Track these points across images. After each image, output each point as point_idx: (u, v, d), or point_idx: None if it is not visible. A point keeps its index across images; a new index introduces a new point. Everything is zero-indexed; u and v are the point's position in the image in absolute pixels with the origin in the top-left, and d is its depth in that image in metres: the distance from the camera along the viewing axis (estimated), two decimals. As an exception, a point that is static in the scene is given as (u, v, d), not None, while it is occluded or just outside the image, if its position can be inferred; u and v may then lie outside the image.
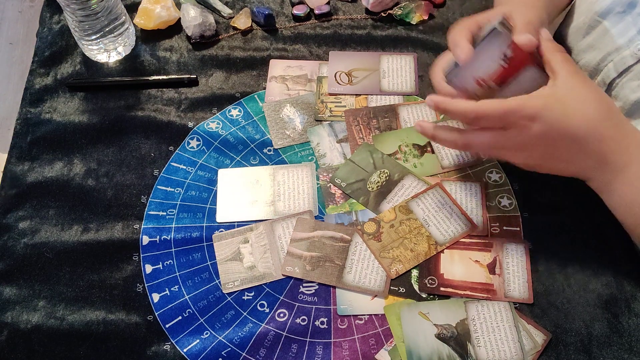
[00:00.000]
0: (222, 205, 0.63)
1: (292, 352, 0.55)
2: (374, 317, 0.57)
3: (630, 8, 0.59)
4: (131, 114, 0.69)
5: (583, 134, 0.50)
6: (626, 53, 0.60)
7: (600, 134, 0.50)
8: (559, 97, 0.49)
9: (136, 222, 0.62)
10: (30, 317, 0.57)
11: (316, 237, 0.60)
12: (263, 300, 0.58)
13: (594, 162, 0.52)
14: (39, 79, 0.72)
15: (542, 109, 0.49)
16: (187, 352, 0.55)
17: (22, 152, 0.66)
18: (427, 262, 0.59)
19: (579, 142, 0.50)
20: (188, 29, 0.74)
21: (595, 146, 0.50)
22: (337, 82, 0.72)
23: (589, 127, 0.49)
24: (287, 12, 0.78)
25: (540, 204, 0.62)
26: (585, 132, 0.50)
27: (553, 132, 0.50)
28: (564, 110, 0.49)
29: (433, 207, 0.62)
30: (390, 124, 0.68)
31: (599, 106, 0.50)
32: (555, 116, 0.49)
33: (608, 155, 0.51)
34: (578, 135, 0.50)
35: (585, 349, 0.54)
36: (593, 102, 0.50)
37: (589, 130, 0.49)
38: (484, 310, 0.56)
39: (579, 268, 0.59)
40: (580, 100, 0.49)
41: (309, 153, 0.67)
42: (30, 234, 0.61)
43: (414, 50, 0.75)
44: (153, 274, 0.59)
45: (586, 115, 0.49)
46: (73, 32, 0.70)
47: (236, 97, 0.71)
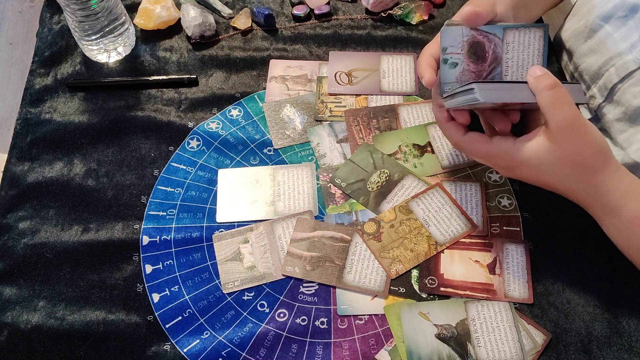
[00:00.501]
0: (222, 205, 0.63)
1: (292, 352, 0.55)
2: (374, 317, 0.57)
3: (633, 13, 0.59)
4: (131, 114, 0.69)
5: (559, 189, 0.52)
6: (628, 58, 0.59)
7: (576, 192, 0.52)
8: (538, 155, 0.50)
9: (136, 222, 0.62)
10: (30, 317, 0.57)
11: (316, 237, 0.60)
12: (263, 300, 0.58)
13: (578, 204, 0.54)
14: (39, 79, 0.72)
15: (520, 162, 0.51)
16: (187, 352, 0.55)
17: (22, 152, 0.67)
18: (427, 262, 0.59)
19: (557, 191, 0.53)
20: (188, 29, 0.74)
21: (573, 198, 0.53)
22: (337, 82, 0.72)
23: (564, 187, 0.52)
24: (287, 12, 0.78)
25: (540, 204, 0.62)
26: (561, 189, 0.52)
27: (530, 179, 0.53)
28: (540, 167, 0.50)
29: (433, 207, 0.62)
30: (390, 124, 0.68)
31: (576, 168, 0.50)
32: (532, 171, 0.51)
33: (587, 207, 0.54)
34: (554, 188, 0.53)
35: (585, 349, 0.54)
36: (571, 165, 0.49)
37: (564, 188, 0.52)
38: (484, 310, 0.56)
39: (579, 268, 0.59)
40: (559, 161, 0.49)
41: (309, 153, 0.67)
42: (30, 234, 0.61)
43: (414, 50, 0.75)
44: (153, 274, 0.59)
45: (561, 176, 0.51)
46: (73, 32, 0.70)
47: (236, 97, 0.71)
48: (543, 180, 0.52)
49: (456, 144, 0.55)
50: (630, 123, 0.61)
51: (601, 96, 0.64)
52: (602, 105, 0.64)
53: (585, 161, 0.50)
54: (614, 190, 0.50)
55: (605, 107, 0.64)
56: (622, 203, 0.50)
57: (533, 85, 0.49)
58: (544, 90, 0.48)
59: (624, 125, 0.61)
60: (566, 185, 0.51)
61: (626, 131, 0.61)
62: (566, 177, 0.50)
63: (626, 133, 0.61)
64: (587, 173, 0.50)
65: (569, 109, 0.48)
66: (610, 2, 0.61)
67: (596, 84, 0.64)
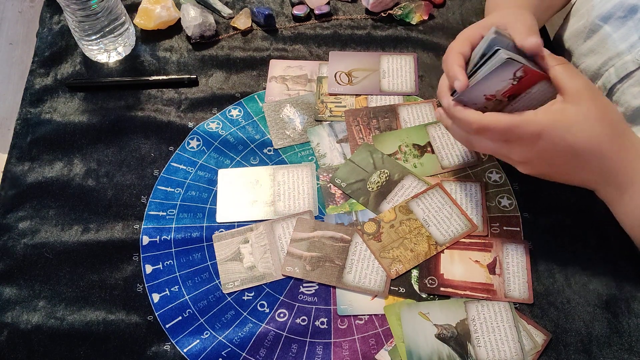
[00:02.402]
0: (222, 205, 0.63)
1: (292, 352, 0.55)
2: (374, 317, 0.57)
3: (632, 13, 0.59)
4: (131, 114, 0.69)
5: (586, 152, 0.49)
6: (627, 58, 0.59)
7: (603, 153, 0.50)
8: (564, 115, 0.49)
9: (136, 222, 0.62)
10: (30, 317, 0.57)
11: (316, 237, 0.60)
12: (263, 300, 0.58)
13: (598, 178, 0.52)
14: (39, 79, 0.72)
15: (546, 127, 0.49)
16: (187, 352, 0.55)
17: (22, 152, 0.66)
18: (427, 262, 0.59)
19: (582, 159, 0.50)
20: (188, 29, 0.74)
21: (598, 164, 0.50)
22: (337, 82, 0.72)
23: (592, 146, 0.49)
24: (287, 12, 0.78)
25: (540, 204, 0.62)
26: (588, 151, 0.49)
27: (556, 149, 0.50)
28: (567, 128, 0.49)
29: (433, 207, 0.62)
30: (390, 124, 0.68)
31: (603, 124, 0.49)
32: (558, 134, 0.49)
33: (612, 174, 0.51)
34: (581, 153, 0.50)
35: (585, 349, 0.54)
36: (597, 121, 0.49)
37: (592, 149, 0.49)
38: (484, 310, 0.56)
39: (579, 268, 0.59)
40: (584, 118, 0.49)
41: (309, 153, 0.67)
42: (30, 234, 0.61)
43: (414, 50, 0.75)
44: (153, 274, 0.59)
45: (590, 134, 0.49)
46: (73, 32, 0.70)
47: (236, 97, 0.71)
48: (569, 147, 0.49)
49: (477, 122, 0.51)
50: (629, 123, 0.61)
51: None
52: None
53: (611, 119, 0.49)
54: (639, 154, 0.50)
55: None
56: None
57: (545, 60, 0.50)
58: (557, 64, 0.49)
59: None
60: (594, 145, 0.49)
61: None
62: (595, 135, 0.49)
63: None
64: (614, 131, 0.49)
65: (584, 77, 0.49)
66: (610, 3, 0.61)
67: (595, 84, 0.64)
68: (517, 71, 0.49)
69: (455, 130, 0.55)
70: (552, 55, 0.50)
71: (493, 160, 0.65)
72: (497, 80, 0.50)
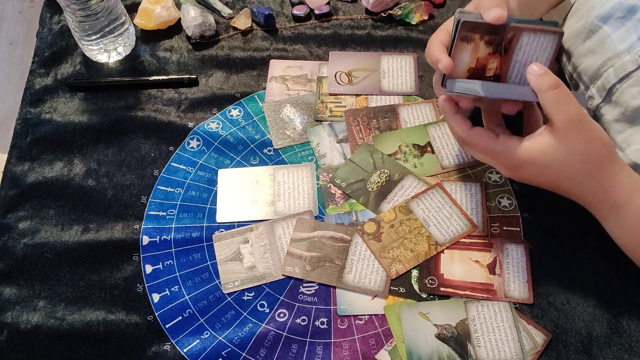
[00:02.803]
0: (222, 205, 0.63)
1: (292, 352, 0.55)
2: (374, 317, 0.57)
3: (631, 14, 0.59)
4: (131, 114, 0.69)
5: (565, 187, 0.52)
6: (627, 59, 0.59)
7: (582, 189, 0.51)
8: (545, 151, 0.49)
9: (136, 222, 0.62)
10: (30, 317, 0.57)
11: (316, 237, 0.60)
12: (263, 300, 0.58)
13: (583, 203, 0.54)
14: (39, 79, 0.72)
15: (526, 161, 0.50)
16: (187, 352, 0.55)
17: (22, 152, 0.66)
18: (427, 262, 0.59)
19: (562, 191, 0.52)
20: (188, 29, 0.74)
21: (579, 196, 0.52)
22: (337, 82, 0.72)
23: (572, 183, 0.51)
24: (287, 12, 0.78)
25: (540, 204, 0.62)
26: (567, 185, 0.51)
27: (536, 179, 0.52)
28: (547, 164, 0.49)
29: (433, 207, 0.62)
30: (390, 124, 0.68)
31: (584, 164, 0.49)
32: (538, 169, 0.50)
33: (593, 205, 0.53)
34: (561, 186, 0.52)
35: (585, 349, 0.54)
36: (579, 160, 0.49)
37: (572, 185, 0.51)
38: (484, 310, 0.56)
39: (579, 268, 0.59)
40: (566, 155, 0.49)
41: (309, 153, 0.67)
42: (30, 234, 0.61)
43: (414, 50, 0.75)
44: (153, 274, 0.59)
45: (570, 172, 0.50)
46: (73, 32, 0.70)
47: (236, 97, 0.71)
48: (549, 180, 0.51)
49: (461, 138, 0.54)
50: (628, 124, 0.61)
51: (599, 97, 0.64)
52: (600, 106, 0.64)
53: (594, 157, 0.49)
54: (622, 187, 0.50)
55: (603, 108, 0.64)
56: (630, 199, 0.50)
57: (535, 84, 0.49)
58: (548, 90, 0.48)
59: (623, 126, 0.61)
60: (573, 183, 0.51)
61: (624, 132, 0.61)
62: (574, 175, 0.50)
63: (624, 134, 0.61)
64: (595, 169, 0.50)
65: (573, 106, 0.48)
66: (609, 3, 0.61)
67: (595, 85, 0.64)
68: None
69: (451, 127, 0.57)
70: (546, 76, 0.49)
71: (493, 160, 0.65)
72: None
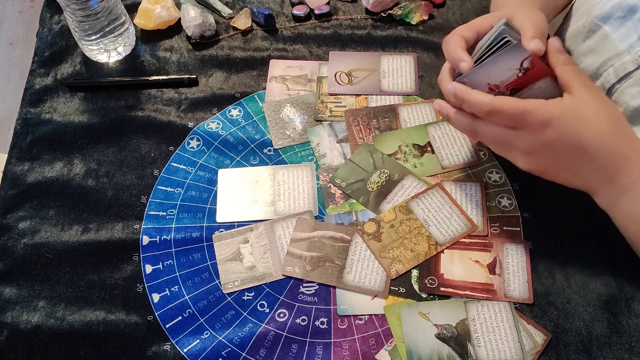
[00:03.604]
0: (222, 205, 0.63)
1: (292, 352, 0.55)
2: (374, 317, 0.57)
3: (631, 13, 0.59)
4: (131, 114, 0.69)
5: (594, 146, 0.49)
6: (627, 59, 0.59)
7: (610, 149, 0.50)
8: (574, 108, 0.49)
9: (136, 222, 0.62)
10: (30, 317, 0.57)
11: (316, 237, 0.60)
12: (263, 300, 0.58)
13: (601, 177, 0.51)
14: (39, 79, 0.72)
15: (557, 116, 0.49)
16: (187, 352, 0.55)
17: (22, 152, 0.67)
18: (427, 262, 0.59)
19: (589, 154, 0.50)
20: (188, 29, 0.74)
21: (604, 161, 0.50)
22: (337, 82, 0.72)
23: (600, 141, 0.49)
24: (287, 12, 0.78)
25: (540, 204, 0.62)
26: (596, 145, 0.49)
27: (564, 140, 0.49)
28: (577, 120, 0.49)
29: (433, 207, 0.62)
30: (390, 124, 0.68)
31: (611, 121, 0.50)
32: (568, 125, 0.49)
33: (616, 172, 0.50)
34: (589, 147, 0.49)
35: (585, 349, 0.54)
36: (606, 117, 0.50)
37: (600, 143, 0.49)
38: (484, 310, 0.56)
39: (579, 268, 0.59)
40: (594, 113, 0.49)
41: (309, 153, 0.67)
42: (30, 234, 0.61)
43: (414, 50, 0.75)
44: (153, 274, 0.59)
45: (599, 128, 0.49)
46: (73, 32, 0.70)
47: (236, 97, 0.71)
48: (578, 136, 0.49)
49: (488, 104, 0.50)
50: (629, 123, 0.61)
51: None
52: None
53: (618, 116, 0.50)
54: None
55: None
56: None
57: (554, 57, 0.51)
58: (566, 64, 0.51)
59: None
60: (602, 140, 0.49)
61: None
62: (604, 129, 0.49)
63: None
64: (622, 128, 0.50)
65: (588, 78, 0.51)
66: (609, 3, 0.61)
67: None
68: (525, 60, 0.49)
69: (459, 119, 0.54)
70: (561, 52, 0.51)
71: (493, 160, 0.65)
72: (503, 67, 0.50)
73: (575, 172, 0.52)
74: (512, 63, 0.50)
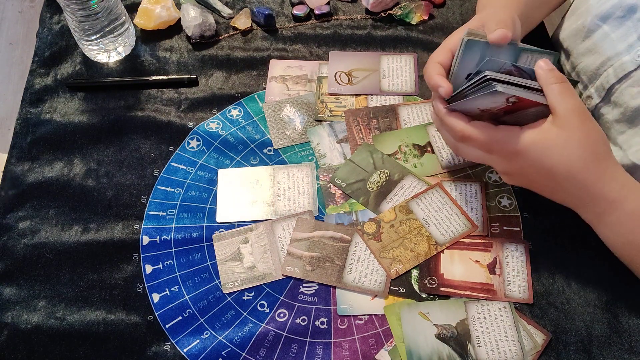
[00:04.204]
0: (222, 205, 0.63)
1: (292, 352, 0.55)
2: (374, 317, 0.57)
3: (631, 13, 0.59)
4: (131, 114, 0.69)
5: (563, 176, 0.50)
6: (626, 59, 0.59)
7: (578, 181, 0.50)
8: (546, 136, 0.49)
9: (136, 222, 0.62)
10: (30, 317, 0.57)
11: (316, 237, 0.60)
12: (263, 300, 0.58)
13: (576, 202, 0.53)
14: (39, 79, 0.72)
15: (526, 147, 0.50)
16: (187, 352, 0.55)
17: (22, 152, 0.67)
18: (427, 262, 0.59)
19: (559, 183, 0.51)
20: (188, 29, 0.74)
21: (574, 189, 0.51)
22: (337, 82, 0.72)
23: (568, 173, 0.50)
24: (287, 12, 0.78)
25: (540, 204, 0.62)
26: (564, 175, 0.50)
27: (533, 168, 0.51)
28: (546, 150, 0.49)
29: (433, 207, 0.62)
30: (390, 124, 0.68)
31: (583, 152, 0.50)
32: (537, 155, 0.50)
33: (587, 201, 0.52)
34: (557, 177, 0.51)
35: (585, 349, 0.54)
36: (578, 148, 0.49)
37: (568, 174, 0.50)
38: (484, 310, 0.56)
39: (579, 268, 0.59)
40: (565, 142, 0.49)
41: (309, 153, 0.67)
42: (30, 234, 0.61)
43: (414, 50, 0.75)
44: (153, 274, 0.59)
45: (567, 159, 0.49)
46: (73, 32, 0.70)
47: (236, 97, 0.71)
48: (546, 169, 0.50)
49: (461, 131, 0.52)
50: (628, 124, 0.61)
51: (598, 97, 0.64)
52: (599, 106, 0.64)
53: (592, 147, 0.50)
54: (616, 182, 0.51)
55: (602, 108, 0.64)
56: (624, 194, 0.50)
57: (542, 77, 0.50)
58: (554, 83, 0.50)
59: (623, 127, 0.61)
60: (570, 172, 0.50)
61: (625, 132, 0.61)
62: (572, 162, 0.49)
63: (625, 134, 0.61)
64: (593, 158, 0.50)
65: (576, 100, 0.50)
66: (608, 2, 0.61)
67: (593, 85, 0.64)
68: (510, 97, 0.49)
69: (444, 135, 0.57)
70: (553, 72, 0.50)
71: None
72: (489, 102, 0.51)
73: (552, 194, 0.54)
74: (498, 99, 0.50)
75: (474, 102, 0.51)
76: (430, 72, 0.55)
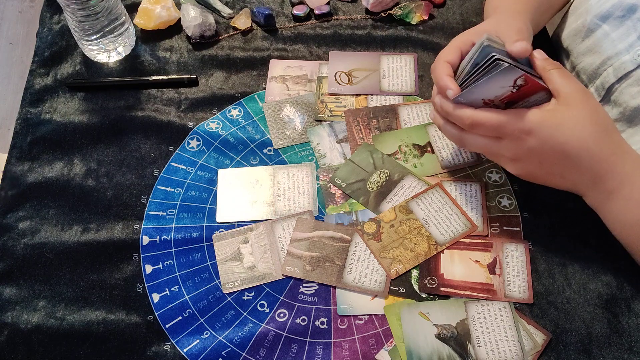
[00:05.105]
0: (222, 205, 0.63)
1: (292, 352, 0.55)
2: (374, 317, 0.57)
3: (631, 12, 0.59)
4: (131, 114, 0.69)
5: (576, 152, 0.50)
6: (626, 58, 0.59)
7: (593, 154, 0.50)
8: (555, 115, 0.49)
9: (136, 222, 0.62)
10: (30, 317, 0.57)
11: (316, 237, 0.60)
12: (263, 300, 0.58)
13: (587, 181, 0.52)
14: (39, 79, 0.72)
15: (538, 124, 0.49)
16: (187, 352, 0.55)
17: (22, 152, 0.67)
18: (427, 262, 0.59)
19: (572, 159, 0.51)
20: (188, 29, 0.74)
21: (587, 165, 0.51)
22: (337, 82, 0.72)
23: (582, 147, 0.50)
24: (287, 12, 0.78)
25: (540, 204, 0.62)
26: (578, 151, 0.50)
27: (546, 147, 0.50)
28: (559, 126, 0.49)
29: (433, 207, 0.62)
30: (390, 124, 0.68)
31: (595, 126, 0.50)
32: (549, 132, 0.49)
33: (601, 176, 0.51)
34: (571, 153, 0.50)
35: (585, 349, 0.54)
36: (588, 123, 0.49)
37: (582, 149, 0.50)
38: (484, 310, 0.56)
39: (579, 268, 0.59)
40: (575, 119, 0.49)
41: (309, 153, 0.67)
42: (30, 234, 0.61)
43: (414, 50, 0.75)
44: (153, 274, 0.59)
45: (581, 134, 0.49)
46: (73, 32, 0.70)
47: (236, 97, 0.71)
48: (557, 147, 0.49)
49: (469, 118, 0.51)
50: (628, 123, 0.61)
51: (598, 96, 0.64)
52: None
53: (602, 122, 0.50)
54: (629, 154, 0.51)
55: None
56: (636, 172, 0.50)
57: (540, 65, 0.51)
58: (552, 69, 0.51)
59: (623, 126, 0.62)
60: (582, 148, 0.49)
61: (625, 131, 0.61)
62: (585, 136, 0.49)
63: (625, 133, 0.61)
64: (604, 133, 0.50)
65: (577, 81, 0.51)
66: (608, 2, 0.61)
67: (593, 84, 0.64)
68: (518, 79, 0.49)
69: (448, 129, 0.56)
70: (549, 60, 0.51)
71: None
72: (496, 87, 0.50)
73: (561, 176, 0.53)
74: (506, 82, 0.50)
75: (481, 89, 0.51)
76: (439, 72, 0.54)
